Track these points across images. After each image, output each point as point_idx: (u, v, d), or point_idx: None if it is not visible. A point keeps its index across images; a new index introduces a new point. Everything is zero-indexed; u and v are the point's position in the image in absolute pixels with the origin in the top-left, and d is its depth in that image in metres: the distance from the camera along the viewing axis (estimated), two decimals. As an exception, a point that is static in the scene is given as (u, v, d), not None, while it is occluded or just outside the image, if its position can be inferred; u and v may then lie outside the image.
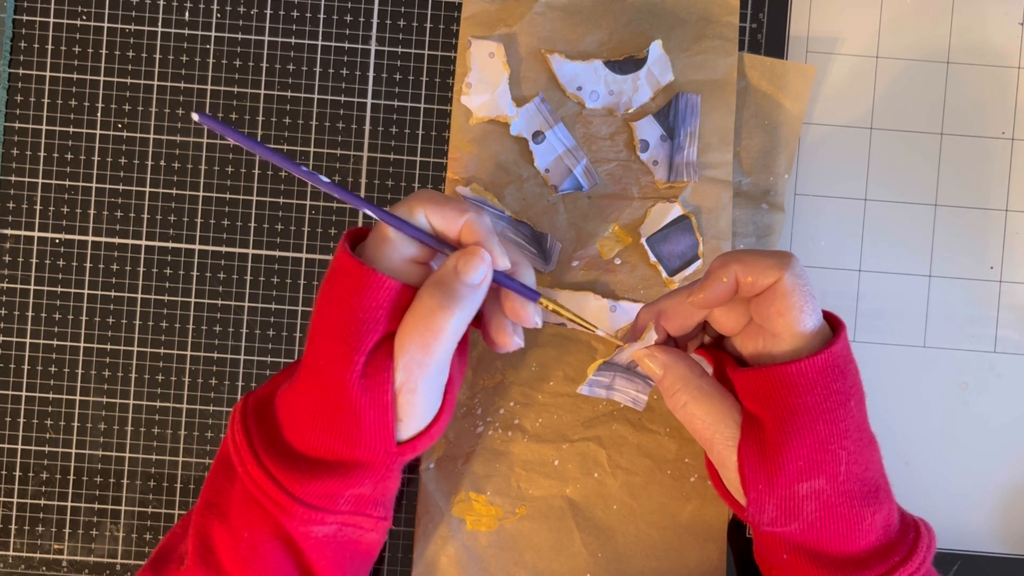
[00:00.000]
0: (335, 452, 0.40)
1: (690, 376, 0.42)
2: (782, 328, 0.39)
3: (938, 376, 0.52)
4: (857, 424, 0.40)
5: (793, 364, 0.39)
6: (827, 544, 0.40)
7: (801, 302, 0.39)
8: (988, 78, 0.52)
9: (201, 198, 0.51)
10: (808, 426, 0.39)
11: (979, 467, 0.52)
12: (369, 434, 0.40)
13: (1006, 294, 0.52)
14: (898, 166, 0.52)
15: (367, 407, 0.39)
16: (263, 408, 0.42)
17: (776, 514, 0.40)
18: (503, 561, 0.50)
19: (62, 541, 0.51)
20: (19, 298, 0.51)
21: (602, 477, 0.51)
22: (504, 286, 0.41)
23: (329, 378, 0.39)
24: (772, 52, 0.52)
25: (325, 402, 0.39)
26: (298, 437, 0.40)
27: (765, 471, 0.40)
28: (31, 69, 0.51)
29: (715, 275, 0.40)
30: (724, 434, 0.41)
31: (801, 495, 0.40)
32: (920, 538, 0.41)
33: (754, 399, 0.40)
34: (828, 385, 0.39)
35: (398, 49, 0.51)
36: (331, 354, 0.39)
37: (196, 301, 0.51)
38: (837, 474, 0.39)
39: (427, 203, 0.40)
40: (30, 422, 0.51)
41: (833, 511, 0.40)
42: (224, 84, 0.51)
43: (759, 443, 0.40)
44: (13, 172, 0.51)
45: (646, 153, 0.51)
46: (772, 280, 0.39)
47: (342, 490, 0.40)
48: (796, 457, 0.39)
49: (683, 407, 0.42)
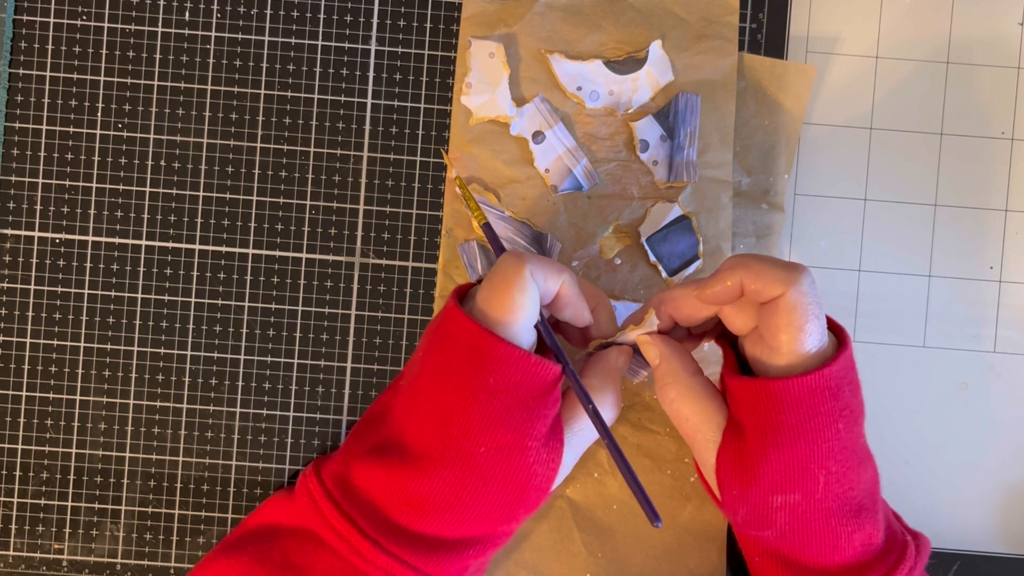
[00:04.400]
0: (475, 530, 0.40)
1: (682, 372, 0.42)
2: (781, 343, 0.39)
3: (938, 376, 0.52)
4: (844, 444, 0.39)
5: (779, 381, 0.38)
6: (800, 554, 0.40)
7: (802, 321, 0.38)
8: (988, 78, 0.52)
9: (201, 198, 0.51)
10: (787, 444, 0.38)
11: (979, 467, 0.52)
12: (531, 507, 0.41)
13: (1006, 294, 0.52)
14: (898, 166, 0.52)
15: (536, 487, 0.40)
16: (343, 488, 0.40)
17: (749, 519, 0.40)
18: (503, 561, 0.50)
19: (62, 541, 0.51)
20: (19, 298, 0.51)
21: (602, 477, 0.51)
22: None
23: (499, 466, 0.39)
24: (772, 52, 0.52)
25: (486, 486, 0.39)
26: (428, 521, 0.39)
27: (740, 479, 0.39)
28: (31, 69, 0.51)
29: (721, 276, 0.40)
30: (706, 436, 0.41)
31: (775, 506, 0.39)
32: (903, 560, 0.40)
33: (741, 407, 0.40)
34: (815, 406, 0.38)
35: (398, 49, 0.51)
36: (499, 445, 0.39)
37: (196, 301, 0.51)
38: (814, 491, 0.39)
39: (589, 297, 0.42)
40: (30, 422, 0.51)
41: (808, 524, 0.39)
42: (224, 84, 0.51)
43: (738, 451, 0.40)
44: (13, 172, 0.51)
45: (646, 153, 0.51)
46: (776, 293, 0.38)
47: (474, 560, 0.41)
48: (771, 471, 0.39)
49: (671, 402, 0.42)
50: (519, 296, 0.39)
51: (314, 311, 0.51)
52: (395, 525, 0.39)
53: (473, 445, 0.38)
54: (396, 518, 0.39)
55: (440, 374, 0.40)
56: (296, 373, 0.51)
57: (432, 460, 0.39)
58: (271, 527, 0.41)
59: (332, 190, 0.51)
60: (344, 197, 0.51)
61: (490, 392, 0.38)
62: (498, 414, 0.38)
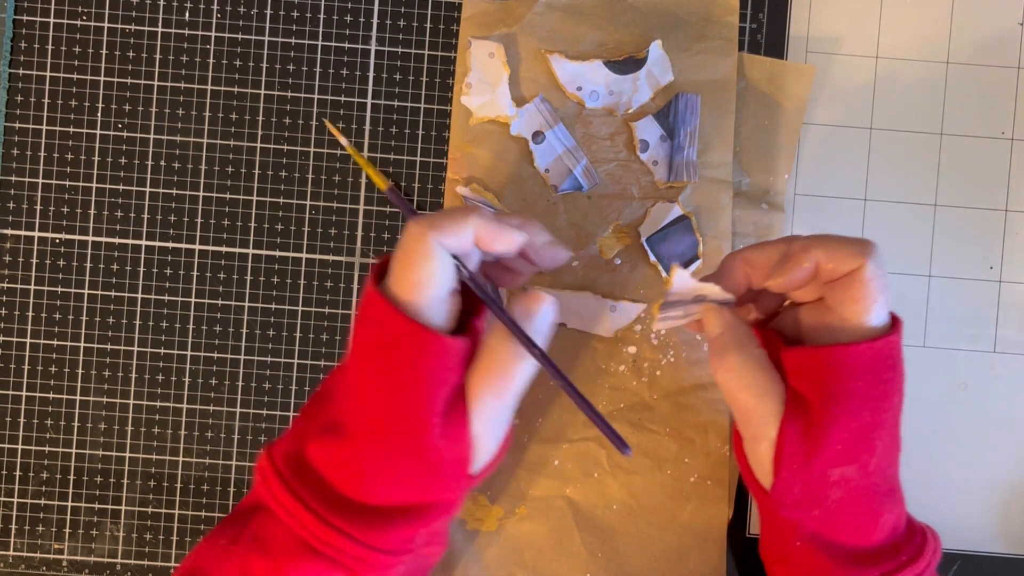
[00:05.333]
0: (411, 499, 0.40)
1: (747, 341, 0.41)
2: (852, 315, 0.39)
3: (938, 376, 0.52)
4: (894, 419, 0.40)
5: (852, 346, 0.39)
6: (841, 535, 0.41)
7: (877, 293, 0.39)
8: (988, 78, 0.52)
9: (201, 198, 0.51)
10: (855, 411, 0.39)
11: (979, 467, 0.52)
12: (448, 480, 0.40)
13: (1006, 294, 0.52)
14: (898, 166, 0.52)
15: (447, 460, 0.39)
16: (296, 465, 0.41)
17: (801, 497, 0.40)
18: (503, 561, 0.50)
19: (62, 541, 0.51)
20: (19, 298, 0.51)
21: (602, 477, 0.51)
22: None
23: (403, 439, 0.39)
24: (772, 52, 0.52)
25: (399, 460, 0.39)
26: (364, 492, 0.40)
27: (805, 449, 0.39)
28: (31, 69, 0.51)
29: (796, 259, 0.40)
30: (767, 406, 0.40)
31: (831, 481, 0.40)
32: (927, 542, 0.41)
33: (804, 377, 0.40)
34: (880, 373, 0.39)
35: (398, 49, 0.51)
36: (401, 420, 0.39)
37: (196, 301, 0.51)
38: (868, 464, 0.40)
39: (480, 227, 0.39)
40: (30, 422, 0.51)
41: (855, 503, 0.40)
42: (224, 84, 0.51)
43: (804, 421, 0.40)
44: (13, 172, 0.51)
45: (646, 153, 0.51)
46: (853, 267, 0.39)
47: (419, 530, 0.41)
48: (838, 440, 0.39)
49: (731, 370, 0.41)
50: (424, 269, 0.38)
51: (314, 311, 0.51)
52: (340, 497, 0.40)
53: (383, 421, 0.39)
54: (342, 490, 0.40)
55: (357, 351, 0.40)
56: (296, 373, 0.51)
57: (359, 436, 0.40)
58: (251, 505, 0.43)
59: (332, 190, 0.51)
60: (344, 197, 0.51)
61: (390, 369, 0.39)
62: (399, 391, 0.39)
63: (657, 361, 0.51)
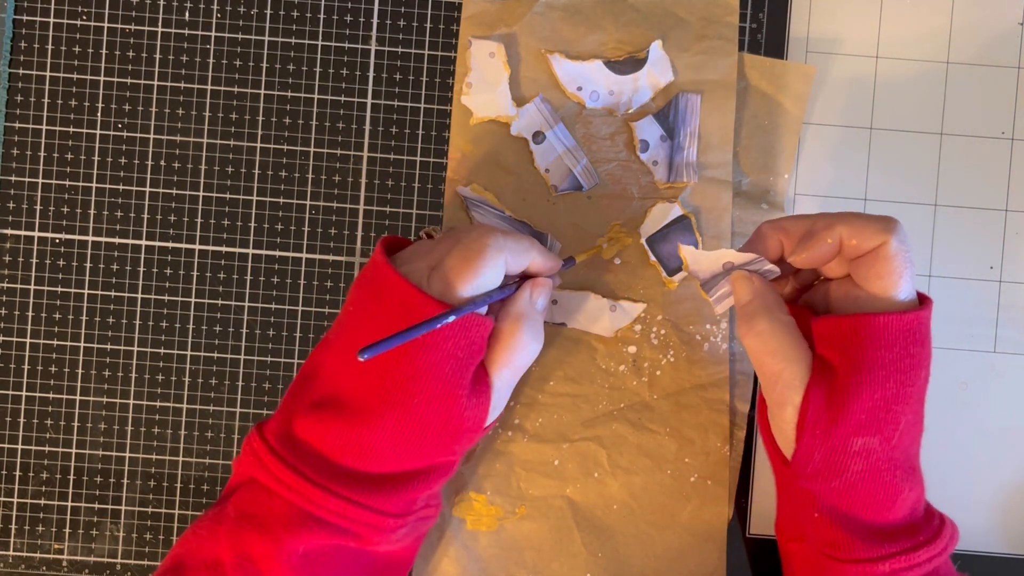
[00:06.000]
0: (422, 464, 0.43)
1: (775, 306, 0.42)
2: (879, 290, 0.40)
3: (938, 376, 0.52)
4: (919, 396, 0.41)
5: (881, 316, 0.40)
6: (860, 509, 0.41)
7: (902, 268, 0.40)
8: (988, 78, 0.52)
9: (201, 198, 0.51)
10: (879, 381, 0.39)
11: (979, 467, 0.52)
12: (466, 443, 0.44)
13: (1006, 294, 0.52)
14: (898, 166, 0.52)
15: (468, 426, 0.42)
16: (288, 442, 0.42)
17: (822, 466, 0.41)
18: (503, 561, 0.50)
19: (62, 541, 0.51)
20: (19, 298, 0.51)
21: (602, 477, 0.51)
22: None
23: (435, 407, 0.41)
24: (772, 52, 0.52)
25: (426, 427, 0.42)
26: (370, 462, 0.41)
27: (827, 417, 0.40)
28: (31, 69, 0.51)
29: (820, 236, 0.41)
30: (793, 371, 0.41)
31: (853, 451, 0.40)
32: (945, 526, 0.42)
33: (832, 345, 0.41)
34: (907, 347, 0.40)
35: (398, 49, 0.51)
36: (429, 392, 0.41)
37: (196, 301, 0.51)
38: (891, 438, 0.40)
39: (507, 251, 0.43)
40: (30, 422, 0.51)
41: (877, 475, 0.40)
42: (224, 84, 0.51)
43: (828, 388, 0.40)
44: (13, 172, 0.51)
45: (646, 153, 0.51)
46: (877, 243, 0.40)
47: (424, 492, 0.43)
48: (861, 409, 0.40)
49: (759, 334, 0.41)
50: (484, 277, 0.42)
51: (314, 311, 0.51)
52: (342, 469, 0.41)
53: (407, 396, 0.41)
54: (342, 462, 0.41)
55: (372, 329, 0.41)
56: (296, 373, 0.51)
57: (371, 412, 0.41)
58: (226, 493, 0.43)
59: (332, 190, 0.51)
60: (344, 197, 0.51)
61: (419, 346, 0.41)
62: (428, 367, 0.41)
63: (657, 361, 0.51)
